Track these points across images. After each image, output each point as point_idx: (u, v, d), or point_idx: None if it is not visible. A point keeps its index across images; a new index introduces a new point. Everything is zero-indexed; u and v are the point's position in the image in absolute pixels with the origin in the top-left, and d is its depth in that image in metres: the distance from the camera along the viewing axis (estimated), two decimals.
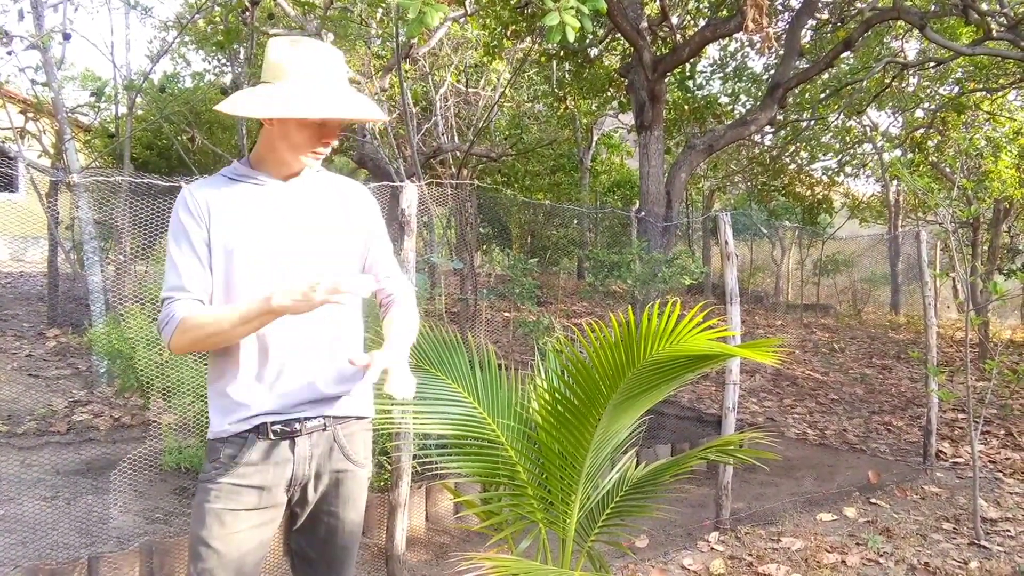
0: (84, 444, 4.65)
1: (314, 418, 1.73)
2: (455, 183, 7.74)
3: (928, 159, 11.84)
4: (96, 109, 9.80)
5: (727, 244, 4.20)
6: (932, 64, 9.84)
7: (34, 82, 6.48)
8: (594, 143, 14.63)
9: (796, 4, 8.70)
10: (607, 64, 9.68)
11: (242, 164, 1.78)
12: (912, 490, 4.83)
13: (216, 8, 7.75)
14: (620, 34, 7.46)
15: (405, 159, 8.63)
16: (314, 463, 1.75)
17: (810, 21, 8.75)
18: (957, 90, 10.87)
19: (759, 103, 7.80)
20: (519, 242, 13.46)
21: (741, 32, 6.74)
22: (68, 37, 6.49)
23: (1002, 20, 7.09)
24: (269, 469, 1.70)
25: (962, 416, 6.70)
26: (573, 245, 12.72)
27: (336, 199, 1.82)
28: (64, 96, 6.40)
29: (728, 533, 4.00)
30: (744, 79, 11.65)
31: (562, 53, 8.84)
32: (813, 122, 11.63)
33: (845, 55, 8.81)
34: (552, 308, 9.83)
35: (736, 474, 4.45)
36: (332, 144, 1.76)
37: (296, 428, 1.71)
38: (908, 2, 7.88)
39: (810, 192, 15.74)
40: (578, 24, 3.01)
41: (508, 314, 8.98)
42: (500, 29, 8.33)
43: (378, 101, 7.50)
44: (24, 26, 6.12)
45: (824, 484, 4.96)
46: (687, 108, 9.60)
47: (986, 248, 9.50)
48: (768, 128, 9.16)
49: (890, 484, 4.94)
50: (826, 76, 10.38)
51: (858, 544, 3.89)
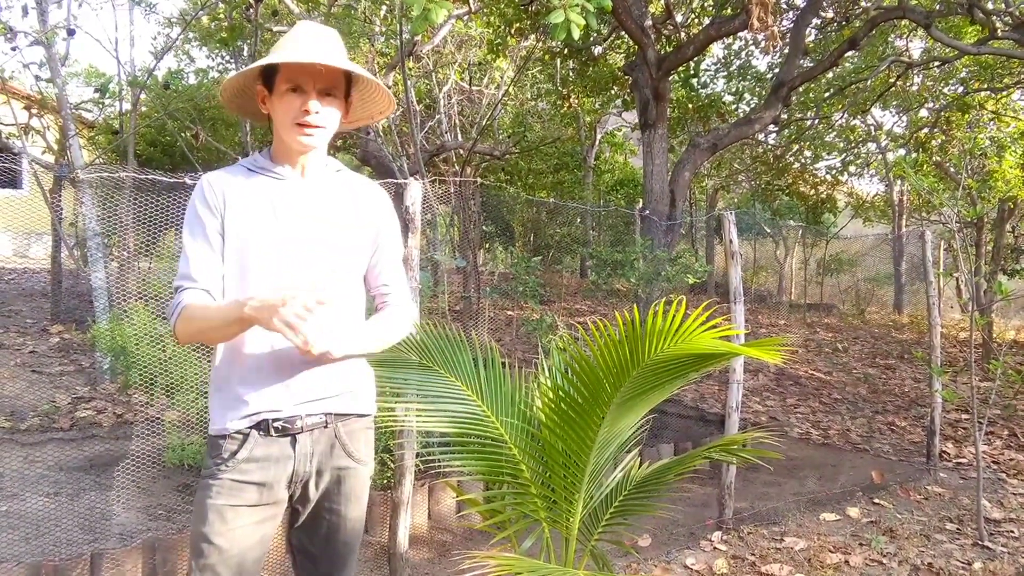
0: (87, 440, 4.65)
1: (315, 415, 1.73)
2: (458, 181, 7.73)
3: (932, 159, 11.81)
4: (100, 105, 9.78)
5: (731, 243, 4.19)
6: (937, 63, 9.83)
7: (38, 78, 6.47)
8: (598, 141, 14.61)
9: (801, 3, 8.67)
10: (611, 62, 9.67)
11: (263, 156, 1.80)
12: (916, 490, 4.82)
13: (220, 5, 7.75)
14: (624, 32, 7.44)
15: (408, 157, 8.63)
16: (315, 460, 1.74)
17: (815, 20, 8.74)
18: (962, 89, 10.84)
19: (763, 102, 7.78)
20: (522, 240, 13.47)
21: (746, 30, 6.71)
22: (72, 33, 6.48)
23: (1007, 19, 7.06)
24: (270, 465, 1.70)
25: (966, 417, 6.68)
26: (576, 243, 12.72)
27: (347, 195, 1.82)
28: (68, 92, 6.39)
29: (731, 533, 4.00)
30: (748, 78, 11.62)
31: (566, 51, 8.83)
32: (817, 121, 11.61)
33: (850, 54, 8.79)
34: (555, 306, 9.82)
35: (739, 474, 4.44)
36: (320, 118, 1.69)
37: (297, 425, 1.71)
38: (913, 1, 7.86)
39: (814, 191, 15.72)
40: (583, 22, 3.00)
41: (511, 312, 8.98)
42: (504, 27, 8.32)
43: None
44: (28, 22, 6.14)
45: (827, 484, 4.95)
46: (691, 106, 9.57)
47: (990, 248, 9.47)
48: (772, 127, 9.12)
49: (893, 484, 4.93)
50: (830, 75, 10.35)
51: (861, 544, 3.88)
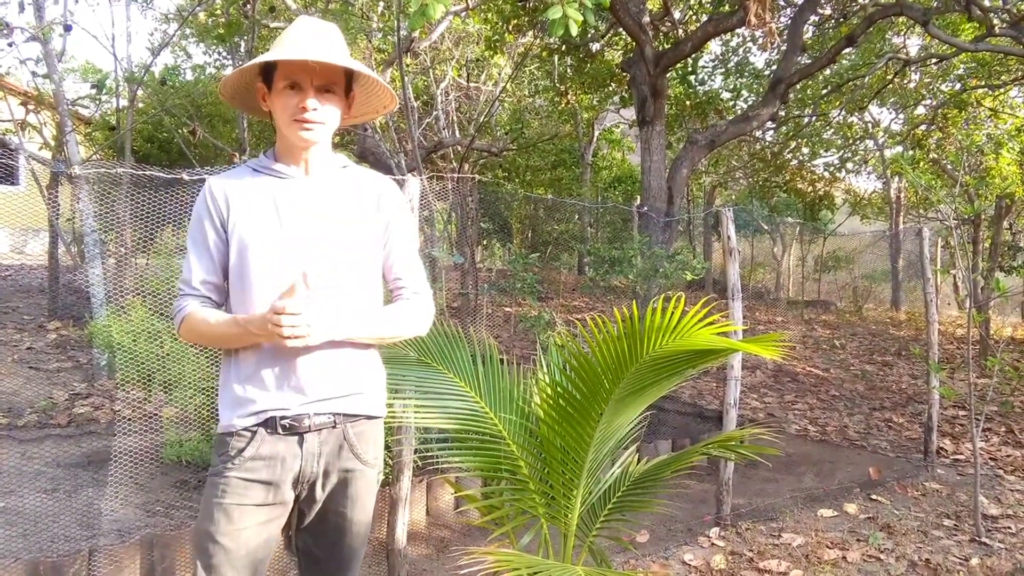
0: (84, 437, 4.65)
1: (323, 414, 1.71)
2: (456, 177, 7.72)
3: (929, 156, 11.83)
4: (97, 101, 9.77)
5: (729, 240, 4.19)
6: (934, 60, 9.84)
7: (35, 74, 6.45)
8: (595, 138, 14.61)
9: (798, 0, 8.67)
10: (609, 59, 9.65)
11: (267, 157, 1.79)
12: (913, 487, 4.84)
13: (217, 1, 7.73)
14: (622, 29, 7.43)
15: (406, 153, 8.61)
16: (323, 460, 1.73)
17: (812, 17, 8.73)
18: (959, 86, 10.86)
19: (761, 99, 7.78)
20: (520, 237, 13.45)
21: (743, 27, 6.70)
22: (69, 29, 6.45)
23: (1004, 16, 7.07)
24: (277, 464, 1.69)
25: (963, 413, 6.70)
26: (574, 240, 12.71)
27: (352, 190, 1.80)
28: (65, 88, 6.36)
29: (729, 529, 4.00)
30: (746, 75, 11.61)
31: (564, 48, 8.81)
32: (815, 118, 11.61)
33: (847, 51, 8.79)
34: (553, 303, 9.82)
35: (737, 470, 4.45)
36: (318, 114, 1.68)
37: (305, 423, 1.69)
38: None
39: (811, 188, 15.73)
40: (581, 18, 3.00)
41: (509, 309, 8.99)
42: (502, 23, 8.31)
43: None
44: (25, 17, 6.12)
45: (825, 480, 4.96)
46: (689, 103, 9.58)
47: (987, 245, 9.47)
48: (770, 124, 9.12)
49: (891, 480, 4.94)
50: (828, 72, 10.36)
51: (859, 540, 3.89)
